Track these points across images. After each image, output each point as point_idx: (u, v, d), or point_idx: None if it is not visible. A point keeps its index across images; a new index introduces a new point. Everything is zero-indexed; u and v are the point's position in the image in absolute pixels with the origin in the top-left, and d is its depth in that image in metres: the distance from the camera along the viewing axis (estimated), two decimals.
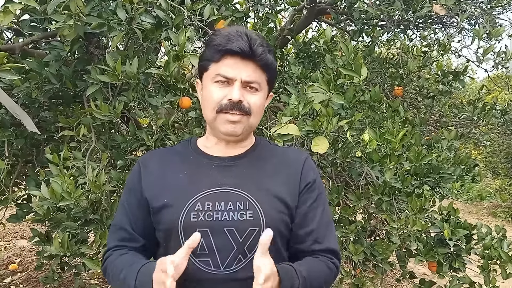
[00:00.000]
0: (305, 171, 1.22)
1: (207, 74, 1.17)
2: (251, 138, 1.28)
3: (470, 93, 6.95)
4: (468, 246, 2.23)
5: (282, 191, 1.17)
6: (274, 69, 1.21)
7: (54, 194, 1.54)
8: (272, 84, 1.24)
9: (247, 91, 1.14)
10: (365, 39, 3.33)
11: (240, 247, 1.09)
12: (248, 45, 1.11)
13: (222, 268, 1.08)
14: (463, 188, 3.06)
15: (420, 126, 2.65)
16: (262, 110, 1.21)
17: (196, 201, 1.12)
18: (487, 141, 3.52)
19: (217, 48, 1.12)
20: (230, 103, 1.12)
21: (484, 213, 9.16)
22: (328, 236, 1.22)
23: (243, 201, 1.12)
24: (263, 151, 1.26)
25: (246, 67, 1.13)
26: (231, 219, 1.10)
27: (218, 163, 1.20)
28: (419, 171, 2.16)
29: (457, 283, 2.24)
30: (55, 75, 1.85)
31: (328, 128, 1.82)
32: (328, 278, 1.18)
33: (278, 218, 1.14)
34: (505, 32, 2.46)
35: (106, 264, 1.21)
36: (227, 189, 1.14)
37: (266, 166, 1.22)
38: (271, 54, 1.18)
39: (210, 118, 1.17)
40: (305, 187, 1.20)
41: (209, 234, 1.09)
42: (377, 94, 2.04)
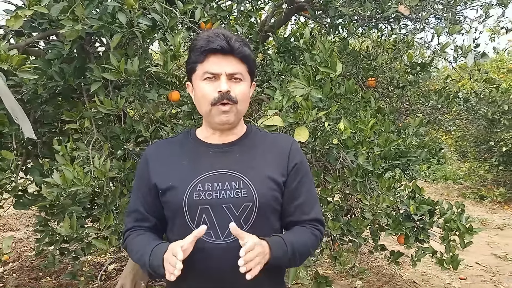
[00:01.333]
0: (292, 153, 1.40)
1: (196, 75, 1.34)
2: (243, 126, 1.46)
3: (441, 80, 7.31)
4: (431, 220, 2.53)
5: (272, 170, 1.36)
6: (253, 60, 1.39)
7: (65, 181, 1.73)
8: (253, 74, 1.41)
9: (232, 82, 1.32)
10: (341, 33, 3.56)
11: (237, 220, 1.28)
12: (226, 42, 1.29)
13: (222, 238, 1.28)
14: (430, 170, 3.36)
15: (390, 115, 2.91)
16: (247, 97, 1.38)
17: (197, 182, 1.31)
18: (451, 127, 3.82)
19: (200, 50, 1.30)
20: (220, 94, 1.29)
21: (454, 195, 9.65)
22: (313, 208, 1.42)
23: (237, 181, 1.31)
24: (255, 138, 1.45)
25: (228, 61, 1.30)
26: (228, 196, 1.29)
27: (215, 149, 1.39)
28: (388, 154, 2.42)
29: (422, 253, 2.54)
30: (58, 73, 2.01)
31: (308, 119, 2.05)
32: (314, 243, 1.40)
33: (269, 195, 1.33)
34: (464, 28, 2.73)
35: (126, 243, 1.43)
36: (223, 171, 1.33)
37: (257, 150, 1.40)
38: (247, 47, 1.35)
39: (205, 111, 1.34)
40: (293, 167, 1.39)
41: (210, 210, 1.29)
42: (351, 87, 2.29)
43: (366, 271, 2.60)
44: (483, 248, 5.83)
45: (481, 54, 3.09)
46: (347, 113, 2.42)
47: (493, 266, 5.11)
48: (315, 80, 2.06)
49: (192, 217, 1.30)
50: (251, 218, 1.30)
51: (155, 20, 1.88)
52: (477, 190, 9.42)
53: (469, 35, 2.99)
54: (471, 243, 2.54)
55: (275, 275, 1.41)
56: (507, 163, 8.59)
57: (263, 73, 2.96)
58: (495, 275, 4.82)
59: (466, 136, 9.27)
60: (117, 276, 4.39)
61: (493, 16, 2.96)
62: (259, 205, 1.30)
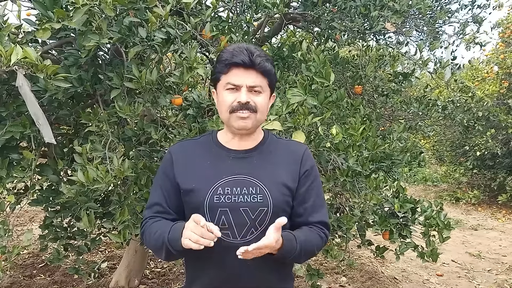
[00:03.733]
0: (304, 160, 1.52)
1: (220, 84, 1.46)
2: (260, 132, 1.57)
3: (420, 87, 7.66)
4: (413, 217, 2.78)
5: (286, 177, 1.48)
6: (273, 74, 1.49)
7: (88, 179, 1.90)
8: (273, 87, 1.51)
9: (252, 94, 1.42)
10: (329, 43, 3.81)
11: (252, 223, 1.40)
12: (248, 58, 1.38)
13: (239, 238, 1.40)
14: (411, 172, 3.63)
15: (376, 121, 3.16)
16: (266, 107, 1.49)
17: (218, 186, 1.43)
18: (430, 132, 4.11)
19: (225, 63, 1.41)
20: (240, 104, 1.40)
21: (432, 197, 10.00)
22: (321, 211, 1.54)
23: (254, 186, 1.43)
24: (271, 145, 1.55)
25: (250, 75, 1.40)
26: (245, 201, 1.41)
27: (235, 155, 1.50)
28: (375, 157, 2.67)
29: (404, 247, 2.79)
30: (77, 79, 2.18)
31: (305, 124, 2.28)
32: (319, 244, 1.51)
33: (282, 200, 1.45)
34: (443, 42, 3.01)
35: (144, 229, 1.51)
36: (242, 177, 1.45)
37: (272, 157, 1.51)
38: (269, 62, 1.44)
39: (225, 118, 1.45)
40: (304, 173, 1.51)
41: (228, 213, 1.40)
42: (342, 95, 2.52)
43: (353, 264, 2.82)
44: (459, 247, 6.16)
45: (458, 66, 3.38)
46: (338, 118, 2.65)
47: (468, 264, 5.43)
48: (311, 89, 2.29)
49: (212, 218, 1.40)
50: (265, 221, 1.41)
51: (169, 34, 2.07)
52: (453, 192, 9.79)
53: (447, 50, 3.27)
54: (448, 238, 2.80)
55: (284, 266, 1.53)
56: (480, 167, 8.99)
57: None
58: (470, 272, 5.13)
59: (442, 141, 9.67)
60: (110, 273, 4.50)
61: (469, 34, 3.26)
62: (273, 209, 1.42)
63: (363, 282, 4.51)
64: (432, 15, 3.15)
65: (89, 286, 4.18)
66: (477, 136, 7.48)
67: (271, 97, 1.54)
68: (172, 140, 2.35)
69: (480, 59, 9.05)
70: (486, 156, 8.36)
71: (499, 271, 5.17)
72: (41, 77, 1.65)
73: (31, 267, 4.69)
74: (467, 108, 4.13)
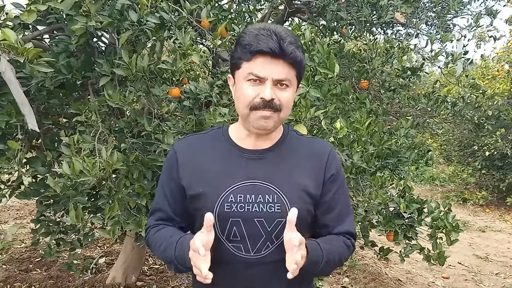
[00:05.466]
0: (329, 163, 1.32)
1: (240, 72, 1.22)
2: (280, 129, 1.35)
3: (428, 85, 7.50)
4: (420, 218, 2.64)
5: (308, 182, 1.28)
6: (303, 64, 1.25)
7: (74, 171, 1.79)
8: (300, 78, 1.28)
9: (278, 88, 1.20)
10: (335, 36, 3.67)
11: (268, 235, 1.23)
12: (278, 45, 1.14)
13: (252, 253, 1.23)
14: (418, 171, 3.49)
15: (382, 116, 3.03)
16: (291, 104, 1.27)
17: (229, 192, 1.24)
18: (439, 130, 3.96)
19: (249, 49, 1.17)
20: (263, 101, 1.18)
21: (438, 197, 9.86)
22: (347, 221, 1.35)
23: (271, 194, 1.24)
24: (291, 143, 1.34)
25: (277, 66, 1.17)
26: (260, 210, 1.22)
27: (249, 155, 1.29)
28: (381, 154, 2.53)
29: (410, 249, 2.65)
30: (65, 66, 2.07)
31: (306, 117, 2.15)
32: (346, 253, 1.32)
33: (303, 209, 1.24)
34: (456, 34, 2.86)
35: (148, 238, 1.37)
36: (257, 182, 1.25)
37: (293, 159, 1.31)
38: (299, 50, 1.21)
39: (243, 114, 1.24)
40: (329, 178, 1.30)
41: (241, 223, 1.23)
42: (347, 88, 2.39)
43: (356, 265, 2.70)
44: (465, 249, 6.01)
45: (469, 61, 3.23)
46: (342, 112, 2.52)
47: (475, 266, 5.29)
48: (314, 80, 2.16)
49: (223, 229, 1.24)
50: (283, 234, 1.19)
51: (163, 19, 1.95)
52: (460, 193, 9.65)
53: (459, 43, 3.12)
54: (456, 241, 2.66)
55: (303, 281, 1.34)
56: (489, 167, 8.83)
57: None
58: (477, 275, 4.99)
59: (450, 140, 9.50)
60: (107, 269, 4.42)
61: (482, 26, 3.10)
62: None
63: (366, 283, 4.38)
64: (444, 6, 3.00)
65: (85, 281, 4.10)
66: (486, 135, 7.32)
67: (297, 88, 1.33)
68: (167, 132, 2.23)
69: (491, 57, 8.85)
70: (495, 157, 8.21)
71: (507, 274, 5.04)
72: (21, 61, 1.53)
73: (27, 261, 4.63)
74: (477, 106, 3.97)
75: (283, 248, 1.16)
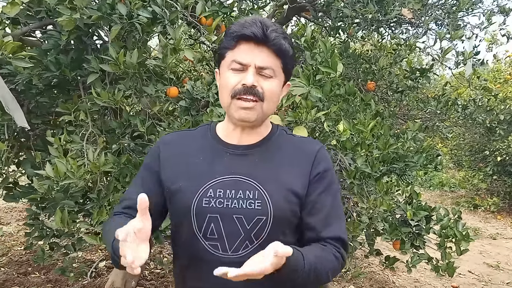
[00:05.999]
0: (316, 161, 1.24)
1: (224, 62, 1.20)
2: (268, 126, 1.30)
3: (439, 88, 7.33)
4: (428, 226, 2.50)
5: (293, 181, 1.21)
6: (290, 56, 1.20)
7: (58, 173, 1.68)
8: (288, 72, 1.24)
9: (261, 77, 1.16)
10: (341, 36, 3.55)
11: (247, 234, 1.15)
12: (261, 30, 1.13)
13: (230, 252, 1.15)
14: (427, 177, 3.34)
15: (389, 119, 2.89)
16: (276, 97, 1.21)
17: (209, 187, 1.18)
18: (449, 134, 3.81)
19: (232, 35, 1.15)
20: (244, 87, 1.14)
21: (448, 203, 9.65)
22: (336, 226, 1.24)
23: (252, 190, 1.17)
24: (278, 140, 1.29)
25: (260, 52, 1.15)
26: (240, 207, 1.16)
27: (233, 150, 1.24)
28: (387, 158, 2.39)
29: (417, 259, 2.51)
30: (54, 63, 1.97)
31: (307, 118, 2.03)
32: (334, 266, 1.20)
33: (286, 208, 1.18)
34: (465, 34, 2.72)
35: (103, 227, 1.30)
36: (238, 177, 1.19)
37: (279, 156, 1.25)
38: (286, 41, 1.18)
39: (225, 104, 1.20)
40: (315, 177, 1.23)
41: (219, 220, 1.16)
42: (351, 88, 2.26)
43: (359, 276, 2.57)
44: (476, 257, 5.82)
45: (481, 62, 3.08)
46: (346, 114, 2.39)
47: (485, 275, 5.11)
48: (315, 80, 2.04)
49: (200, 226, 1.17)
50: (263, 234, 1.16)
51: (155, 13, 1.84)
52: (471, 199, 9.44)
53: (470, 42, 2.98)
54: (467, 251, 2.52)
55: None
56: (501, 173, 8.61)
57: None
58: (487, 284, 4.82)
59: (461, 145, 9.30)
60: (107, 273, 4.34)
61: (494, 24, 2.95)
62: (274, 219, 1.16)
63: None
64: (454, 3, 2.86)
65: (84, 286, 4.01)
66: (498, 140, 7.12)
67: (285, 85, 1.27)
68: (160, 133, 2.12)
69: (502, 60, 8.65)
70: (507, 162, 8.00)
71: None
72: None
73: (26, 264, 4.55)
74: (489, 109, 3.81)
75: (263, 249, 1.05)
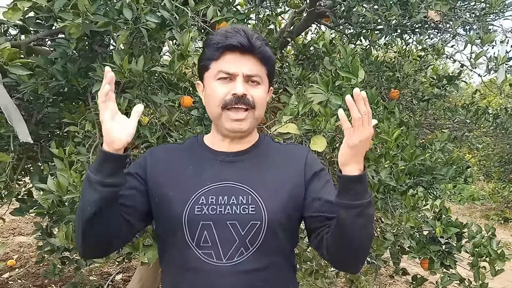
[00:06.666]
0: (309, 163, 1.25)
1: (209, 74, 1.20)
2: (255, 134, 1.31)
3: (465, 97, 7.06)
4: (459, 244, 2.30)
5: (286, 183, 1.20)
6: (273, 62, 1.26)
7: (60, 187, 1.59)
8: (271, 78, 1.28)
9: (249, 85, 1.18)
10: (363, 43, 3.40)
11: (242, 240, 1.13)
12: (246, 39, 1.15)
13: (224, 260, 1.12)
14: (456, 189, 3.14)
15: (415, 128, 2.72)
16: (265, 103, 1.24)
17: (200, 194, 1.16)
18: (479, 144, 3.59)
19: (216, 46, 1.16)
20: (235, 97, 1.15)
21: (477, 216, 9.27)
22: None
23: (245, 195, 1.16)
24: (267, 147, 1.30)
25: (247, 61, 1.17)
26: (233, 212, 1.14)
27: (223, 158, 1.24)
28: (413, 170, 2.22)
29: (448, 280, 2.31)
30: (61, 72, 1.90)
31: (326, 127, 1.89)
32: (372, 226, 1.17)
33: (280, 211, 1.17)
34: (497, 38, 2.54)
35: None
36: (230, 183, 1.18)
37: (269, 161, 1.25)
38: (269, 47, 1.22)
39: (215, 115, 1.20)
40: (312, 176, 1.22)
41: (212, 227, 1.13)
42: (374, 95, 2.11)
43: None
44: (507, 274, 5.49)
45: None
46: None
47: None
48: (335, 86, 1.90)
49: (192, 234, 1.14)
50: (258, 239, 1.14)
51: (164, 18, 1.75)
52: (501, 212, 9.05)
53: (502, 47, 2.78)
54: (502, 271, 2.31)
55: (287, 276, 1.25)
56: None
57: (279, 80, 2.81)
58: None
59: (490, 156, 8.92)
60: (124, 286, 4.27)
61: None
62: (268, 224, 1.14)
63: None
64: (484, 7, 2.68)
65: None
66: None
67: (269, 90, 1.29)
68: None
69: None
70: None
71: None
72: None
73: (42, 277, 4.51)
74: None
75: (259, 256, 1.12)
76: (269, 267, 1.15)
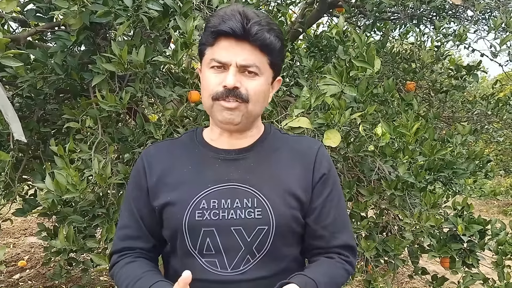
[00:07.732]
0: (318, 162, 1.14)
1: (204, 60, 1.09)
2: (259, 128, 1.19)
3: (481, 90, 6.85)
4: (482, 242, 2.17)
5: (294, 184, 1.10)
6: (278, 49, 1.09)
7: (59, 187, 1.51)
8: (277, 67, 1.13)
9: (245, 76, 1.05)
10: (377, 33, 3.27)
11: (248, 247, 1.05)
12: (241, 24, 1.00)
13: (229, 269, 1.05)
14: (476, 184, 2.99)
15: (433, 120, 2.58)
16: (264, 96, 1.10)
17: (201, 198, 1.07)
18: (500, 137, 3.44)
19: (211, 30, 1.04)
20: (225, 90, 1.03)
21: (495, 211, 9.03)
22: (344, 231, 1.17)
23: (251, 198, 1.07)
24: (273, 141, 1.18)
25: (242, 49, 1.03)
26: (238, 217, 1.05)
27: (225, 156, 1.13)
28: (433, 165, 2.10)
29: (470, 279, 2.18)
30: (60, 66, 1.81)
31: (341, 121, 1.77)
32: (344, 280, 1.15)
33: (288, 215, 1.08)
34: None
35: (113, 271, 1.16)
36: (234, 185, 1.09)
37: (276, 158, 1.14)
38: (271, 33, 1.05)
39: (207, 106, 1.09)
40: (319, 179, 1.13)
41: (215, 234, 1.05)
42: (391, 86, 1.99)
43: None
44: None
45: None
46: (385, 116, 2.11)
47: None
48: (349, 77, 1.78)
49: (194, 242, 1.06)
50: (266, 245, 1.05)
51: (167, 6, 1.65)
52: None
53: None
54: None
55: None
56: None
57: (290, 73, 2.70)
58: None
59: (508, 149, 8.69)
60: None
61: None
62: (276, 228, 1.05)
63: None
64: None
65: None
66: None
67: (275, 81, 1.15)
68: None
69: None
70: None
71: None
72: None
73: None
74: None
75: (266, 263, 1.05)
76: (277, 274, 1.06)
